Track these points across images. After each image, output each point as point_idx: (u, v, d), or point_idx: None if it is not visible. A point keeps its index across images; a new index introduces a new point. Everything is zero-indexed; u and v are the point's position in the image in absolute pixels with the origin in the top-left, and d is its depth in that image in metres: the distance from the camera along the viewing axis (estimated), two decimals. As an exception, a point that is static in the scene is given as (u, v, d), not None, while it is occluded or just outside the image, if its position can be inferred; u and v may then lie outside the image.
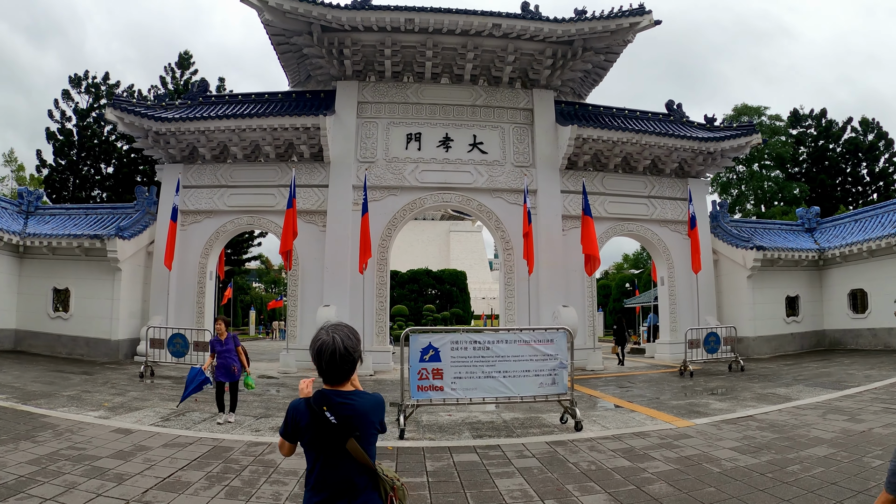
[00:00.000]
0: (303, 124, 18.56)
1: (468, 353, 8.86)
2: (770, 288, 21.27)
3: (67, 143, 35.68)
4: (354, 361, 2.67)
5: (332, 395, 2.62)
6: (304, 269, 18.77)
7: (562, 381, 9.39)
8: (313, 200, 19.08)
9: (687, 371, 16.26)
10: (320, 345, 2.63)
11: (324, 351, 2.61)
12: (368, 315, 18.15)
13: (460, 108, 20.06)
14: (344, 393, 2.66)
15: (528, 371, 9.18)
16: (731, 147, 21.26)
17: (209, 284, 19.55)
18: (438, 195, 19.30)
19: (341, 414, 2.57)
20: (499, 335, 9.16)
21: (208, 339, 15.50)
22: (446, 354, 8.74)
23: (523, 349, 9.17)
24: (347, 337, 2.66)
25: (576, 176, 20.18)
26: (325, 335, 2.65)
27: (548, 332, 9.45)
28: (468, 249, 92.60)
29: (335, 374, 2.64)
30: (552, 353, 9.33)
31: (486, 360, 8.95)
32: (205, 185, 19.67)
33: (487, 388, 8.96)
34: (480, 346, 8.93)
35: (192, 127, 19.04)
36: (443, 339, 8.76)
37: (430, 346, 8.63)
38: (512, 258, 19.17)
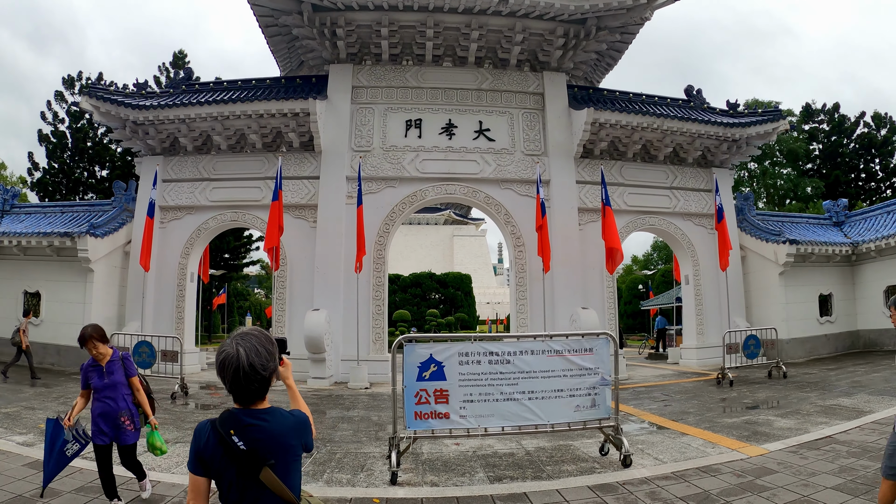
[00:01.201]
0: (291, 109, 16.17)
1: (482, 369, 6.40)
2: (802, 286, 18.80)
3: (60, 145, 33.52)
4: (263, 380, 2.16)
5: (240, 416, 2.14)
6: (293, 270, 16.34)
7: (604, 403, 6.97)
8: (303, 193, 16.67)
9: (725, 379, 13.78)
10: (223, 358, 2.13)
11: (226, 366, 2.12)
12: (364, 320, 15.72)
13: (464, 93, 17.65)
14: (256, 413, 2.16)
15: (561, 391, 6.75)
16: (756, 133, 18.82)
17: (190, 287, 17.13)
18: (441, 186, 16.86)
19: (251, 438, 2.09)
20: (522, 344, 6.68)
21: (178, 347, 13.09)
22: (453, 370, 6.28)
23: (555, 362, 6.72)
24: (255, 350, 2.14)
25: (592, 165, 17.74)
26: (230, 346, 2.14)
27: (586, 340, 6.98)
28: (472, 254, 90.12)
29: (241, 394, 2.15)
30: (592, 367, 6.90)
31: (505, 378, 6.50)
32: (186, 178, 17.30)
33: (508, 413, 6.51)
34: (499, 358, 6.47)
35: (172, 115, 16.70)
36: (448, 351, 6.30)
37: (432, 359, 6.18)
38: (523, 256, 16.70)
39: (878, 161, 34.44)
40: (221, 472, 2.13)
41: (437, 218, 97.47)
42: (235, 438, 2.09)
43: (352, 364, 14.57)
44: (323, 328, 14.04)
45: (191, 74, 18.74)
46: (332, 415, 10.48)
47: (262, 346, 2.18)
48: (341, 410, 10.93)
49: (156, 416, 5.63)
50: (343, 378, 14.98)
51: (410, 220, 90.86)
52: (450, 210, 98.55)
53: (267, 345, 2.21)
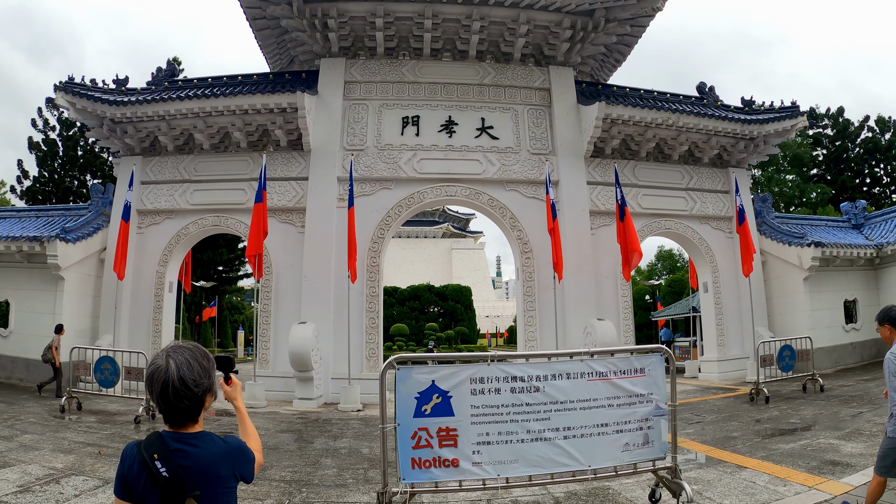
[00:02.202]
0: (277, 104, 14.48)
1: (502, 400, 4.63)
2: (827, 291, 17.11)
3: (51, 153, 31.92)
4: (195, 398, 1.88)
5: (167, 440, 1.88)
6: (279, 279, 14.54)
7: (658, 438, 5.25)
8: (290, 196, 14.93)
9: (760, 395, 12.02)
10: (151, 371, 1.89)
11: (154, 380, 1.87)
12: (356, 334, 13.93)
13: (465, 88, 15.99)
14: (184, 437, 1.89)
15: (606, 425, 5.00)
16: (775, 131, 17.16)
17: (168, 298, 15.34)
18: (441, 188, 15.14)
19: (175, 465, 1.81)
20: (555, 366, 4.91)
21: (144, 362, 11.26)
22: (463, 402, 4.51)
23: (597, 388, 4.97)
24: (187, 364, 1.88)
25: (603, 164, 16.05)
26: (160, 358, 1.90)
27: (637, 358, 5.24)
28: (471, 267, 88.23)
29: (171, 413, 1.89)
30: (643, 393, 5.18)
31: (534, 411, 4.74)
32: (165, 180, 15.58)
33: (537, 458, 4.73)
34: (525, 385, 4.70)
35: (151, 111, 15.02)
36: (456, 376, 4.51)
37: (435, 388, 4.40)
38: (531, 263, 14.94)
39: (883, 165, 32.96)
40: (145, 499, 1.83)
41: (436, 231, 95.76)
42: (158, 464, 1.79)
43: (343, 383, 12.74)
44: (310, 343, 12.23)
45: (174, 71, 17.03)
46: (317, 445, 8.65)
47: (196, 360, 1.91)
48: (327, 439, 9.09)
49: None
50: (334, 398, 13.15)
51: (408, 234, 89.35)
52: (448, 223, 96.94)
53: (202, 360, 1.93)
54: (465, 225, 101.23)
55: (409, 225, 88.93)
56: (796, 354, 13.25)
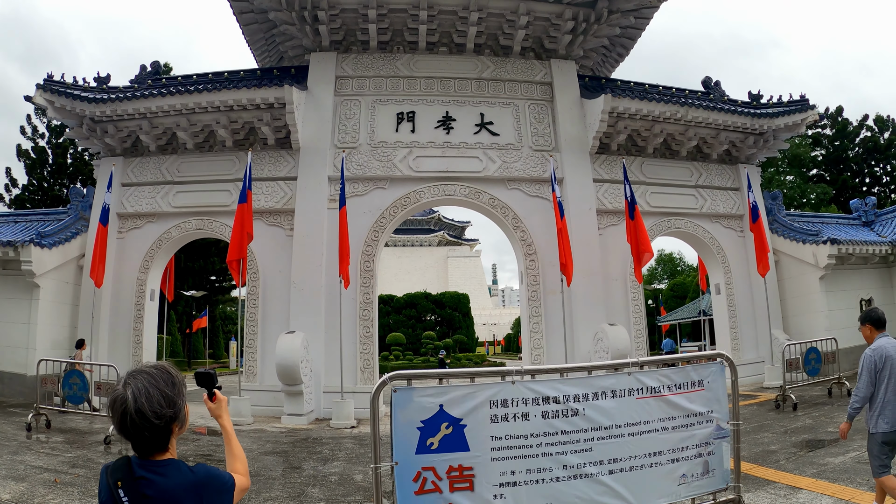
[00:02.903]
0: (264, 99, 13.38)
1: (532, 427, 3.50)
2: (843, 290, 16.08)
3: (40, 161, 30.76)
4: (155, 429, 1.70)
5: (134, 466, 1.72)
6: (266, 285, 13.38)
7: (720, 466, 4.22)
8: (278, 197, 13.80)
9: (787, 402, 10.97)
10: (112, 399, 1.73)
11: (114, 409, 1.71)
12: (349, 344, 12.75)
13: (463, 82, 14.94)
14: (151, 465, 1.73)
15: (660, 454, 3.91)
16: (785, 125, 16.19)
17: (150, 307, 14.16)
18: (439, 187, 14.04)
19: (139, 494, 1.66)
20: (596, 382, 3.78)
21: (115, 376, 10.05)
22: (480, 432, 3.35)
23: (649, 407, 3.88)
24: (145, 392, 1.68)
25: (609, 161, 15.01)
26: (121, 386, 1.72)
27: (694, 369, 4.14)
28: (467, 275, 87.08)
29: (133, 442, 1.72)
30: (702, 410, 4.11)
31: (571, 440, 3.61)
32: (147, 181, 14.45)
33: (577, 500, 3.59)
34: (560, 408, 3.57)
35: (133, 108, 13.91)
36: (472, 399, 3.33)
37: (444, 414, 3.25)
38: (536, 266, 13.82)
39: (883, 165, 32.14)
40: None
41: (431, 239, 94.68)
42: (121, 492, 1.67)
43: (335, 397, 11.55)
44: (299, 354, 11.06)
45: (158, 68, 15.90)
46: (305, 471, 7.48)
47: (156, 387, 1.71)
48: (316, 463, 7.91)
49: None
50: (325, 413, 11.97)
51: (403, 243, 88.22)
52: (443, 231, 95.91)
53: (164, 387, 1.73)
54: (461, 233, 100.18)
55: (403, 233, 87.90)
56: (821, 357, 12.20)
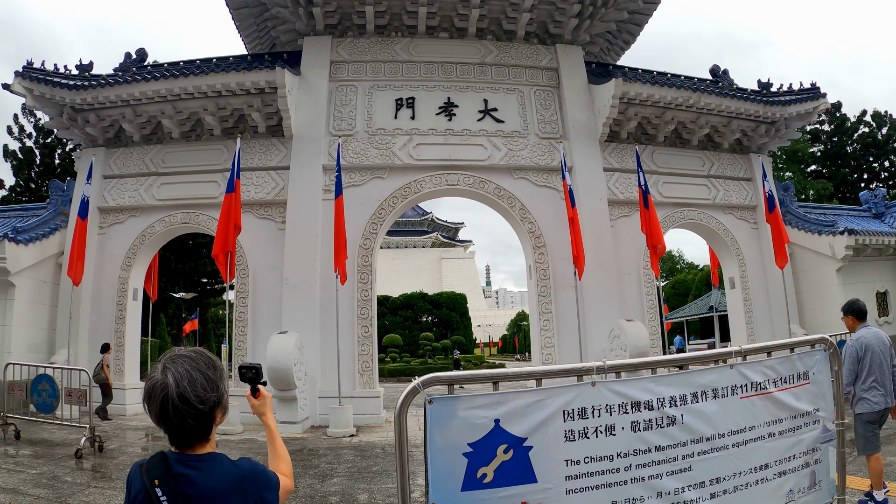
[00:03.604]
0: (255, 83, 12.34)
1: (619, 444, 2.47)
2: (860, 283, 15.23)
3: (27, 161, 29.51)
4: (200, 415, 1.53)
5: (171, 462, 1.53)
6: (257, 282, 12.29)
7: (826, 476, 3.28)
8: (269, 187, 12.73)
9: None
10: (149, 387, 1.54)
11: (152, 397, 1.52)
12: (347, 345, 11.67)
13: (465, 67, 13.95)
14: (190, 459, 1.55)
15: (766, 467, 2.94)
16: (797, 113, 15.31)
17: (132, 307, 13.05)
18: (441, 176, 13.02)
19: (177, 493, 1.48)
20: (694, 378, 2.76)
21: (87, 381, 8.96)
22: (552, 454, 2.32)
23: (754, 409, 2.91)
24: (188, 376, 1.52)
25: (619, 150, 14.08)
26: (157, 372, 1.55)
27: (799, 357, 3.17)
28: (461, 276, 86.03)
29: (173, 433, 1.54)
30: (808, 409, 3.14)
31: (668, 458, 2.60)
32: (130, 173, 13.37)
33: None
34: (653, 417, 2.55)
35: (115, 95, 12.83)
36: (539, 410, 2.26)
37: (500, 432, 2.20)
38: (545, 259, 12.82)
39: (881, 160, 31.50)
40: None
41: (425, 241, 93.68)
42: (159, 491, 1.47)
43: (332, 403, 10.46)
44: (292, 356, 9.97)
45: (144, 56, 14.77)
46: (301, 489, 6.40)
47: (199, 370, 1.56)
48: (313, 479, 6.83)
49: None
50: (322, 421, 10.89)
51: (397, 244, 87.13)
52: (437, 232, 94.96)
53: (206, 370, 1.57)
54: (455, 234, 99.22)
55: (397, 235, 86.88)
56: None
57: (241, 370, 1.88)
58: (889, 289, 16.09)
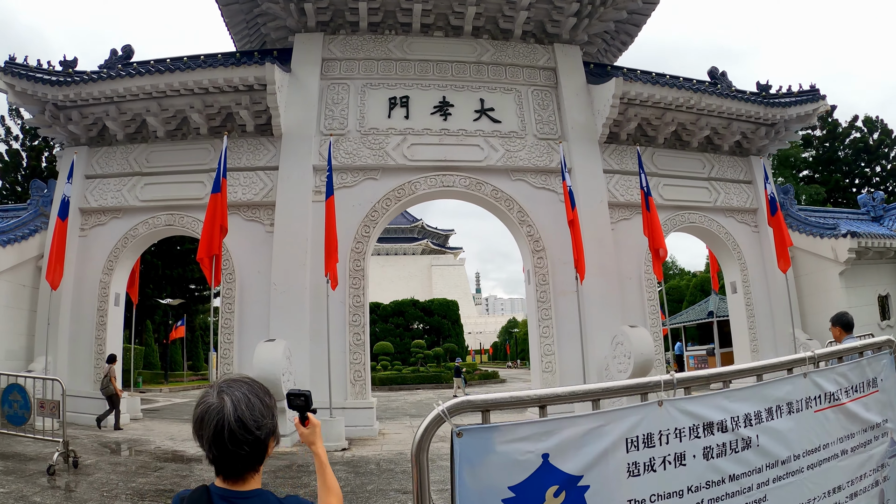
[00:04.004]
0: (243, 79, 11.80)
1: (690, 476, 1.96)
2: (862, 286, 15.01)
3: (13, 164, 28.76)
4: (257, 442, 1.43)
5: (216, 497, 1.42)
6: (244, 287, 11.69)
7: (894, 494, 2.65)
8: (257, 188, 12.17)
9: None
10: (201, 411, 1.44)
11: (205, 422, 1.42)
12: (338, 353, 11.11)
13: (461, 66, 13.50)
14: (236, 496, 1.43)
15: (839, 489, 2.50)
16: (797, 115, 15.03)
17: (114, 312, 12.42)
18: (436, 177, 12.52)
19: None
20: (767, 391, 2.29)
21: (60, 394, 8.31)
22: (612, 496, 1.79)
23: (827, 423, 2.45)
24: (246, 401, 1.44)
25: (619, 151, 13.68)
26: (212, 396, 1.45)
27: (867, 363, 2.68)
28: (451, 283, 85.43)
29: (226, 461, 1.43)
30: (877, 420, 2.69)
31: (742, 489, 2.10)
32: (113, 173, 12.78)
33: None
34: (727, 440, 2.04)
35: (98, 91, 12.24)
36: (596, 440, 1.74)
37: (549, 469, 1.67)
38: (545, 264, 12.34)
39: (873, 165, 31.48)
40: None
41: (415, 248, 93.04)
42: None
43: (323, 415, 9.88)
44: (280, 365, 9.38)
45: (130, 53, 14.14)
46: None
47: (257, 396, 1.47)
48: (302, 498, 6.26)
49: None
50: (312, 431, 10.31)
51: (387, 251, 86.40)
52: (427, 239, 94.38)
53: (263, 396, 1.49)
54: (445, 241, 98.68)
55: (387, 242, 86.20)
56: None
57: (290, 397, 1.77)
58: (890, 292, 15.82)
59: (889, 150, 31.06)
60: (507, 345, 63.82)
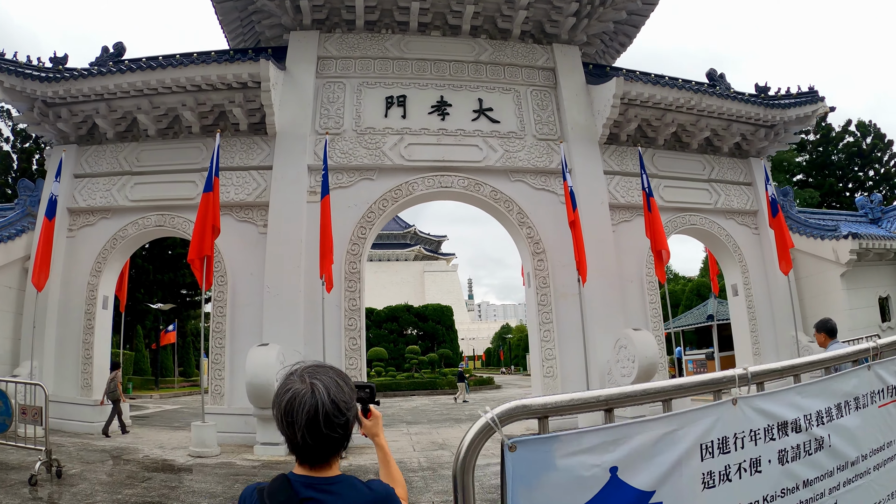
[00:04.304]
0: (237, 76, 11.49)
1: (764, 484, 1.67)
2: (863, 288, 14.87)
3: (4, 166, 28.28)
4: (346, 425, 1.40)
5: (297, 486, 1.35)
6: (236, 290, 11.33)
7: None
8: (250, 188, 11.83)
9: None
10: (290, 398, 1.35)
11: (295, 408, 1.34)
12: (333, 359, 10.72)
13: (459, 66, 13.26)
14: (319, 483, 1.37)
15: None
16: (797, 116, 14.90)
17: (102, 316, 12.02)
18: (433, 178, 12.23)
19: None
20: (836, 386, 2.04)
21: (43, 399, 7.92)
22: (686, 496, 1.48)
23: (890, 419, 2.15)
24: (335, 385, 1.39)
25: (619, 152, 13.47)
26: (300, 382, 1.38)
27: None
28: (444, 289, 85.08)
29: (315, 448, 1.36)
30: None
31: (813, 497, 1.81)
32: (102, 172, 12.42)
33: None
34: (800, 441, 1.77)
35: (88, 88, 11.92)
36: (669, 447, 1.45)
37: (618, 484, 1.37)
38: (545, 266, 12.06)
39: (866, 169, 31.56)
40: None
41: (407, 254, 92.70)
42: None
43: (319, 419, 9.57)
44: (273, 371, 8.98)
45: (122, 50, 13.75)
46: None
47: (342, 379, 1.42)
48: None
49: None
50: (307, 438, 9.96)
51: (379, 257, 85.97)
52: (419, 245, 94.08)
53: (346, 379, 1.45)
54: (437, 247, 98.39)
55: (379, 248, 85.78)
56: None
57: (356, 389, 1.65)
58: (890, 294, 15.70)
59: (882, 154, 31.16)
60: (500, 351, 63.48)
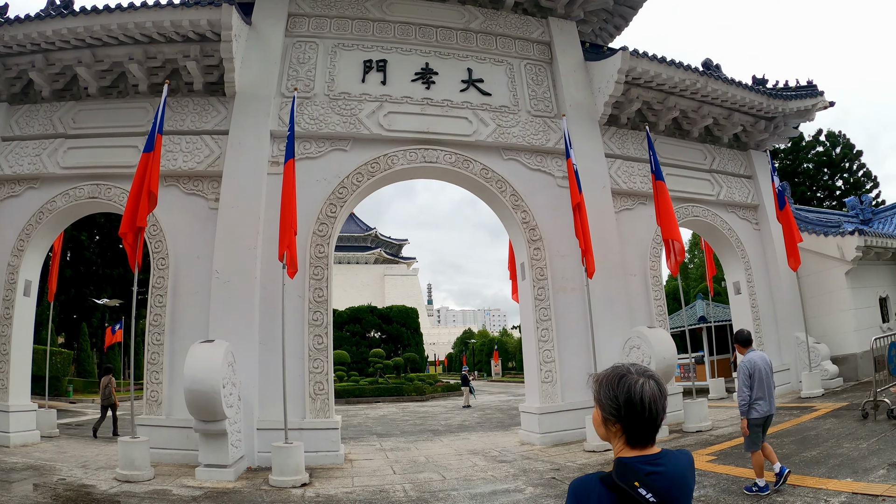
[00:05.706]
0: (193, 23, 9.49)
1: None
2: (865, 287, 13.97)
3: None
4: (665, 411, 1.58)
5: (637, 465, 1.48)
6: (179, 276, 9.27)
7: None
8: (202, 156, 9.82)
9: (880, 409, 8.34)
10: (640, 394, 1.49)
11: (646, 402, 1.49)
12: (295, 360, 8.78)
13: (447, 32, 11.57)
14: (650, 459, 1.51)
15: None
16: (797, 109, 13.83)
17: (23, 304, 9.82)
18: (417, 151, 10.46)
19: (655, 489, 1.43)
20: None
21: None
22: None
23: None
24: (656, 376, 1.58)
25: (619, 135, 12.06)
26: (632, 377, 1.53)
27: None
28: (404, 293, 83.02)
29: (649, 430, 1.52)
30: None
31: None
32: (33, 135, 10.21)
33: None
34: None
35: (23, 34, 9.77)
36: None
37: None
38: (542, 255, 10.41)
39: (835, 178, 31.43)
40: None
41: (367, 257, 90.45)
42: (643, 491, 1.42)
43: (276, 438, 7.60)
44: (220, 374, 7.04)
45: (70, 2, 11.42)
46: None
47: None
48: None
49: None
50: (263, 460, 7.98)
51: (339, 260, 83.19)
52: (380, 249, 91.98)
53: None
54: (398, 251, 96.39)
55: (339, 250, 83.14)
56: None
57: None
58: (889, 294, 14.86)
59: (850, 163, 31.02)
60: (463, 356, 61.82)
